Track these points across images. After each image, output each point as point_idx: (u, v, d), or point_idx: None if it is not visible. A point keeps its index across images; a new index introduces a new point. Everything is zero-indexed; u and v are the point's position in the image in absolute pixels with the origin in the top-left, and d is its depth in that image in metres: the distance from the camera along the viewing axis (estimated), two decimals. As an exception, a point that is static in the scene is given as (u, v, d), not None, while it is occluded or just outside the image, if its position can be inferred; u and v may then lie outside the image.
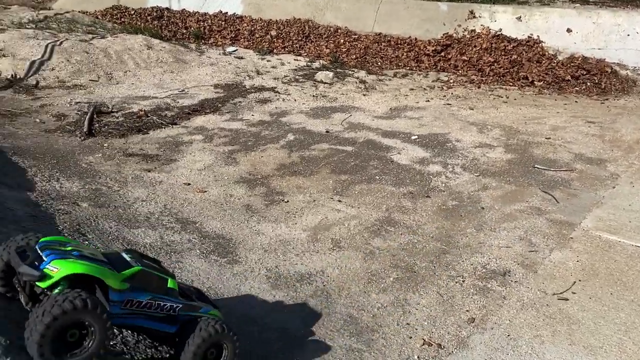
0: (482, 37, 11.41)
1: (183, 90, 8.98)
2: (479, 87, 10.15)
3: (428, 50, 11.51)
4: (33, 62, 9.01)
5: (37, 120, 7.06)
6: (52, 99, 7.99)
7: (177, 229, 4.57)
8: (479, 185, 5.83)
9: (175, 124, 7.42)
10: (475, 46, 11.28)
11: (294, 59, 11.74)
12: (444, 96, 9.53)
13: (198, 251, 4.24)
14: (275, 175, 6.02)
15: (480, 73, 10.83)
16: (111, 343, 2.67)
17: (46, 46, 9.52)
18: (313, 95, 9.29)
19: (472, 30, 11.69)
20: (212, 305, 2.93)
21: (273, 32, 12.82)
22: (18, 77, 8.55)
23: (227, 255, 4.26)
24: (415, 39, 11.95)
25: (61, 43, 9.78)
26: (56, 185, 4.96)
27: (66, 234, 3.88)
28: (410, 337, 3.42)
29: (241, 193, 5.52)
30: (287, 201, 5.39)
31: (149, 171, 5.80)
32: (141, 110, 7.61)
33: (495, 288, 3.99)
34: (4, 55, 9.11)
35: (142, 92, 8.72)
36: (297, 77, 10.47)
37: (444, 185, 5.82)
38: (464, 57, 11.17)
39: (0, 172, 4.81)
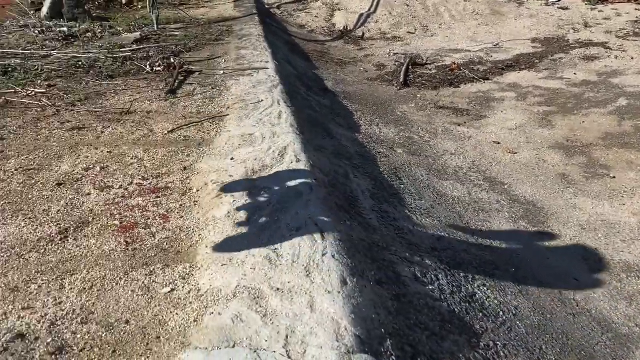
0: None
1: (497, 44, 8.57)
2: None
3: None
4: (361, 15, 9.94)
5: (362, 69, 7.82)
6: (374, 49, 8.72)
7: (485, 187, 4.47)
8: None
9: (487, 79, 7.17)
10: None
11: (635, 9, 9.80)
12: None
13: (507, 214, 4.06)
14: (599, 145, 5.24)
15: None
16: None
17: (372, 0, 10.35)
18: (658, 53, 7.62)
19: None
20: None
21: (610, -23, 10.90)
22: (348, 29, 9.59)
23: (538, 225, 3.96)
24: None
25: (385, -3, 10.47)
26: (376, 130, 5.44)
27: (386, 176, 4.23)
28: None
29: (556, 160, 5.01)
30: (614, 177, 4.64)
31: (459, 125, 5.80)
32: (454, 64, 7.61)
33: None
34: (339, 9, 10.33)
35: (455, 45, 8.70)
36: (637, 30, 8.73)
37: None
38: None
39: (335, 114, 5.54)
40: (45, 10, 7.95)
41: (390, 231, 3.18)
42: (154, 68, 5.65)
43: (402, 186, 4.15)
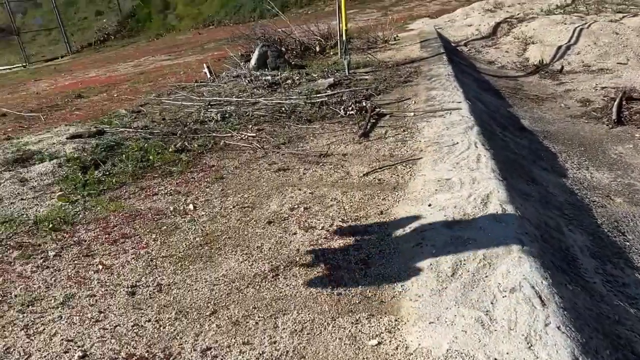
0: None
1: None
2: None
3: None
4: (559, 47, 9.14)
5: (562, 105, 7.11)
6: (576, 83, 7.89)
7: None
8: None
9: None
10: None
11: None
12: None
13: None
14: None
15: None
16: None
17: (573, 30, 9.46)
18: None
19: None
20: None
21: None
22: (544, 62, 8.88)
23: None
24: None
25: (589, 26, 9.49)
26: (586, 174, 4.81)
27: (605, 229, 3.67)
28: None
29: None
30: None
31: (696, 171, 4.81)
32: (683, 97, 6.45)
33: None
34: (532, 42, 9.67)
35: (683, 75, 7.40)
36: None
37: None
38: None
39: (535, 155, 5.07)
40: (253, 61, 9.02)
41: (621, 300, 2.69)
42: (347, 112, 5.91)
43: (627, 243, 3.54)
